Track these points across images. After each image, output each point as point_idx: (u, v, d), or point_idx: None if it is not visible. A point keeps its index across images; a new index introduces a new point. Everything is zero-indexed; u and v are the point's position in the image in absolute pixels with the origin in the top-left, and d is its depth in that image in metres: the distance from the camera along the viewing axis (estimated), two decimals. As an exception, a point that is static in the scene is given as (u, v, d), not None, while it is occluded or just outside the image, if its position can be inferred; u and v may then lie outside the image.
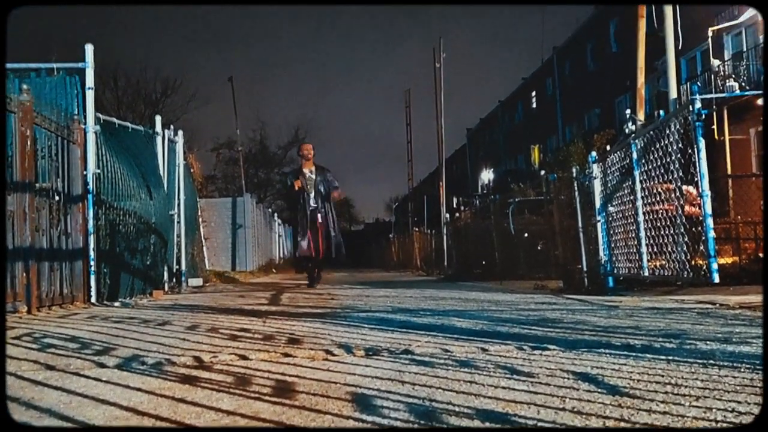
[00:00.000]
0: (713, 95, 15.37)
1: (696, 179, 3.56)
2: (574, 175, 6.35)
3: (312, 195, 8.89)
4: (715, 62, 18.37)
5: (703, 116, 3.48)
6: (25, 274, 4.64)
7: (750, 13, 17.95)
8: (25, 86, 4.83)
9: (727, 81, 18.04)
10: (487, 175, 44.75)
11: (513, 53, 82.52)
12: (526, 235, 11.05)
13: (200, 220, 11.94)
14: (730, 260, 7.73)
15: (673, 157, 3.86)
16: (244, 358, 2.14)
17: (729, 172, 17.16)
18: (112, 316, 4.12)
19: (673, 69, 5.58)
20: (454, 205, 40.97)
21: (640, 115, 5.84)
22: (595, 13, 29.54)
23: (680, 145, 3.78)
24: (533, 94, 39.87)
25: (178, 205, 9.37)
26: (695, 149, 3.50)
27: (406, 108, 28.76)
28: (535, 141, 36.26)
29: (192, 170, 11.56)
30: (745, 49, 19.03)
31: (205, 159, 34.85)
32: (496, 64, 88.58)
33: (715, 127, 17.86)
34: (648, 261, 4.59)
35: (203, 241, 12.06)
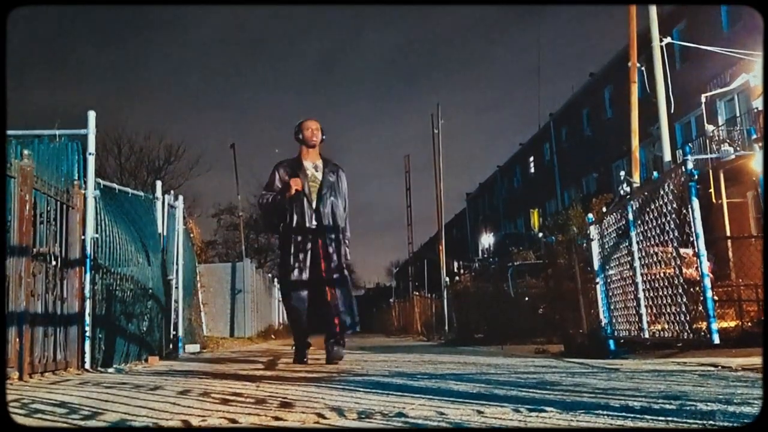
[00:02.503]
0: (705, 156, 15.54)
1: (692, 239, 3.56)
2: (572, 237, 6.36)
3: (314, 207, 5.39)
4: (710, 127, 18.65)
5: (696, 176, 3.51)
6: (18, 340, 4.59)
7: (741, 79, 18.33)
8: (26, 152, 4.89)
9: (722, 145, 18.26)
10: (487, 239, 44.95)
11: (510, 119, 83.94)
12: (527, 298, 10.99)
13: (199, 285, 11.88)
14: (732, 323, 7.66)
15: (668, 218, 3.87)
16: (233, 421, 2.09)
17: (728, 234, 17.19)
18: (105, 381, 4.06)
19: (666, 131, 5.66)
20: (455, 269, 40.89)
21: (636, 178, 5.89)
22: (589, 81, 30.17)
23: (674, 206, 3.80)
24: (531, 159, 40.34)
25: (177, 270, 9.34)
26: (690, 209, 3.52)
27: (406, 173, 29.05)
28: (534, 205, 36.50)
29: (192, 235, 11.58)
30: (738, 114, 19.35)
31: (206, 224, 34.99)
32: (494, 129, 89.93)
33: (712, 190, 17.97)
34: (648, 323, 4.55)
35: (201, 306, 11.97)
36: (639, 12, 6.15)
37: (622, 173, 5.24)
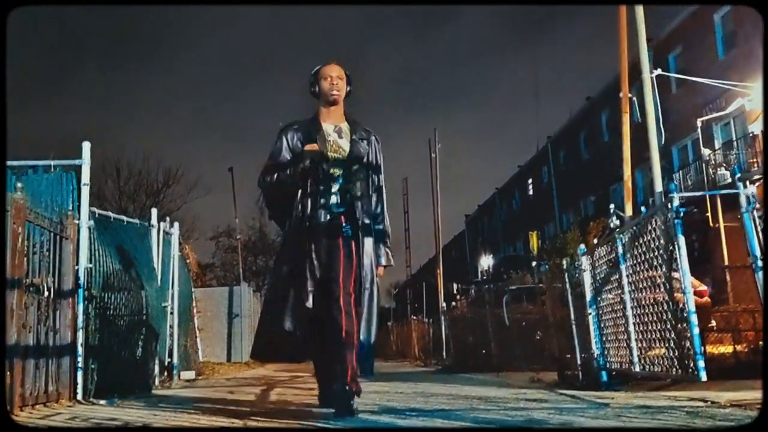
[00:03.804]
0: (692, 194, 15.59)
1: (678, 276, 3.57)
2: (565, 266, 6.38)
3: (338, 187, 3.83)
4: (706, 151, 18.74)
5: (682, 214, 3.54)
6: (9, 373, 4.58)
7: (737, 104, 18.45)
8: (19, 184, 4.94)
9: (719, 169, 18.34)
10: (486, 261, 44.96)
11: (509, 142, 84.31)
12: (524, 323, 10.98)
13: (195, 310, 11.87)
14: (730, 349, 7.65)
15: (656, 253, 3.89)
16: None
17: (726, 258, 17.19)
18: (94, 416, 4.06)
19: (657, 162, 5.70)
20: (454, 291, 40.80)
21: (628, 207, 5.92)
22: (586, 105, 30.35)
23: (662, 242, 3.82)
24: (530, 181, 40.45)
25: (172, 296, 9.34)
26: (676, 246, 3.54)
27: (404, 196, 29.11)
28: (533, 227, 36.51)
29: (188, 260, 11.59)
30: (734, 138, 19.45)
31: (204, 247, 34.98)
32: (493, 151, 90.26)
33: (709, 214, 18.01)
34: (638, 356, 4.55)
35: (197, 332, 11.95)
36: (631, 41, 6.22)
37: (612, 206, 5.28)
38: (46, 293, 5.47)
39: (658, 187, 5.48)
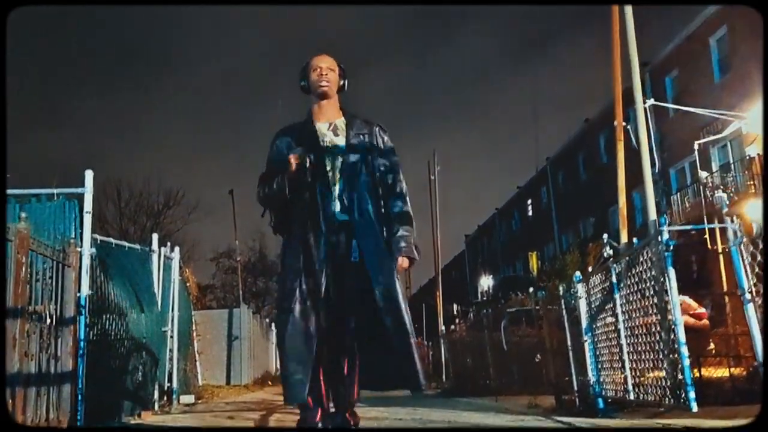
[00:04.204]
0: (681, 227, 15.66)
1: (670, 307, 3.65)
2: (561, 293, 6.45)
3: (338, 189, 3.38)
4: (703, 174, 18.84)
5: (671, 247, 3.62)
6: (11, 401, 4.64)
7: (733, 127, 18.59)
8: (23, 214, 5.02)
9: (716, 192, 18.43)
10: (486, 282, 44.94)
11: (508, 162, 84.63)
12: (523, 346, 11.01)
13: (194, 334, 11.91)
14: (728, 372, 7.67)
15: (648, 284, 3.97)
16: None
17: (724, 280, 17.23)
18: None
19: (651, 191, 5.79)
20: (454, 312, 40.73)
21: (624, 234, 6.00)
22: (584, 127, 30.54)
23: (653, 273, 3.90)
24: (529, 202, 40.57)
25: (172, 320, 9.39)
26: (666, 278, 3.62)
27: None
28: (533, 248, 36.58)
29: (188, 284, 11.66)
30: (731, 161, 19.58)
31: (204, 268, 35.02)
32: (492, 172, 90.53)
33: (707, 236, 18.09)
34: (633, 384, 4.61)
35: (197, 355, 11.98)
36: (626, 69, 6.35)
37: (605, 236, 5.36)
38: (48, 321, 5.55)
39: (652, 215, 5.57)
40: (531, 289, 8.39)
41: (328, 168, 3.37)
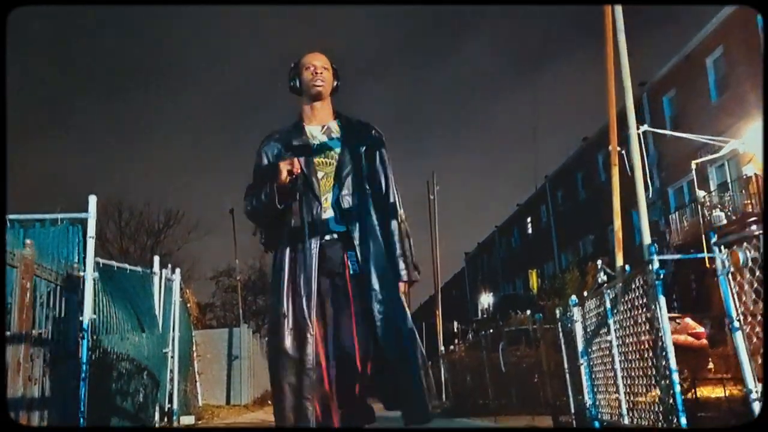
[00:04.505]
0: (671, 257, 15.74)
1: (661, 335, 3.73)
2: (558, 316, 6.53)
3: (329, 202, 3.06)
4: (700, 193, 18.96)
5: (662, 276, 3.71)
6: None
7: (730, 146, 18.74)
8: (28, 241, 5.12)
9: (714, 211, 18.55)
10: (486, 299, 44.93)
11: (508, 179, 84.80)
12: (523, 365, 11.06)
13: (195, 354, 11.97)
14: (727, 392, 7.74)
15: (640, 311, 4.06)
16: None
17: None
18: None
19: (645, 217, 5.88)
20: (454, 329, 40.64)
21: (619, 257, 6.09)
22: (583, 146, 30.71)
23: (644, 301, 3.99)
24: (528, 220, 40.67)
25: (173, 341, 9.46)
26: (657, 306, 3.71)
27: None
28: (533, 266, 36.64)
29: (188, 305, 11.73)
30: (729, 180, 19.70)
31: (204, 287, 35.06)
32: (492, 189, 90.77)
33: (706, 256, 18.15)
34: (627, 408, 4.68)
35: (197, 376, 12.03)
36: (619, 93, 6.47)
37: (599, 262, 5.45)
38: (52, 345, 5.62)
39: (647, 239, 5.65)
40: (528, 312, 8.45)
41: (321, 174, 3.05)
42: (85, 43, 61.00)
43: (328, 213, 3.00)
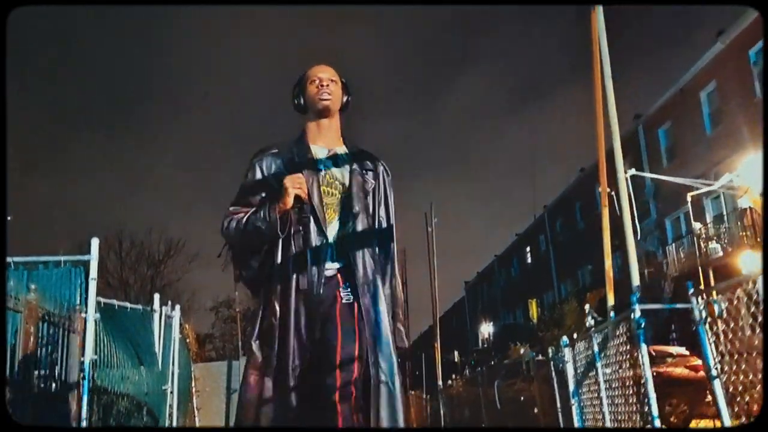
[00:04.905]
0: (654, 306, 15.82)
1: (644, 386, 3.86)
2: (551, 355, 6.65)
3: (334, 231, 2.70)
4: (696, 225, 19.12)
5: (643, 324, 3.85)
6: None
7: (725, 179, 18.94)
8: (32, 286, 5.27)
9: (710, 243, 18.70)
10: (486, 329, 44.86)
11: (507, 208, 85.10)
12: (521, 398, 11.12)
13: (194, 389, 12.03)
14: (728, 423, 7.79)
15: (624, 358, 4.20)
16: None
17: (721, 331, 17.31)
18: None
19: (634, 258, 6.04)
20: (455, 359, 40.41)
21: (610, 297, 6.23)
22: (580, 176, 30.95)
23: (628, 347, 4.13)
24: (528, 249, 40.78)
25: (172, 378, 9.54)
26: (639, 354, 3.85)
27: (403, 267, 29.42)
28: (533, 295, 36.69)
29: (187, 340, 11.83)
30: (725, 212, 19.87)
31: (204, 317, 35.07)
32: (491, 218, 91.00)
33: (702, 286, 18.24)
34: (616, 450, 4.79)
35: (196, 411, 12.08)
36: (608, 137, 6.67)
37: (587, 306, 5.59)
38: (54, 385, 5.74)
39: (636, 281, 5.80)
40: (522, 351, 8.56)
41: (323, 204, 2.66)
42: (85, 68, 61.61)
43: (328, 249, 2.64)
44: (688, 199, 19.44)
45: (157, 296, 9.28)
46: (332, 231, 2.67)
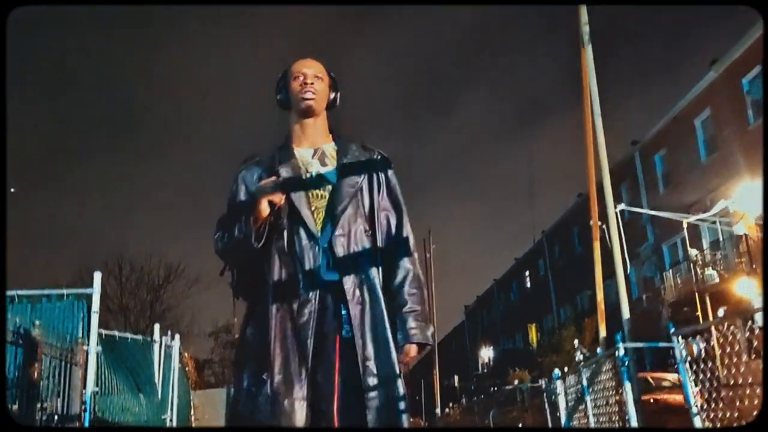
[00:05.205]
0: (637, 344, 15.95)
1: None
2: (543, 387, 6.77)
3: (325, 238, 2.39)
4: (693, 252, 19.26)
5: (627, 362, 3.99)
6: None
7: (721, 205, 19.13)
8: (36, 321, 5.42)
9: (706, 269, 18.82)
10: (486, 353, 44.79)
11: (506, 232, 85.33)
12: (520, 425, 11.20)
13: (193, 418, 12.10)
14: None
15: (610, 392, 4.33)
16: None
17: (718, 360, 17.35)
18: None
19: (624, 290, 6.18)
20: (455, 384, 40.25)
21: (602, 328, 6.36)
22: (578, 201, 31.14)
23: (613, 383, 4.26)
24: (527, 273, 40.86)
25: (171, 407, 9.63)
26: (624, 390, 3.98)
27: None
28: (532, 320, 36.73)
29: (187, 368, 11.92)
30: (721, 238, 20.01)
31: (203, 342, 35.02)
32: (490, 242, 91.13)
33: (699, 313, 18.35)
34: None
35: (195, 439, 12.14)
36: (597, 166, 6.86)
37: (576, 341, 5.73)
38: (56, 417, 5.86)
39: (626, 314, 5.93)
40: (516, 382, 8.67)
41: (312, 209, 2.43)
42: (84, 92, 62.07)
43: (320, 257, 2.37)
44: (684, 225, 19.63)
45: (157, 326, 9.40)
46: (325, 237, 2.39)
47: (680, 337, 3.72)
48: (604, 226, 7.08)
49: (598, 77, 7.14)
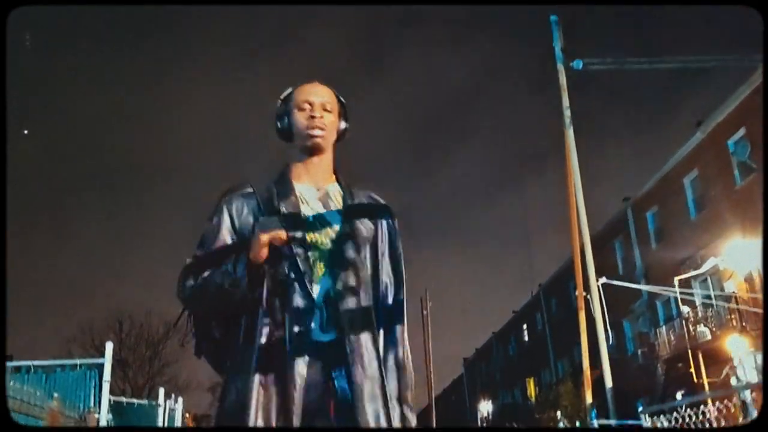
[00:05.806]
0: (610, 421, 16.24)
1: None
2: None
3: (321, 292, 2.01)
4: (684, 309, 19.59)
5: (601, 438, 4.36)
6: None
7: (711, 263, 19.54)
8: (56, 394, 5.80)
9: (698, 326, 19.12)
10: (485, 407, 44.53)
11: (504, 283, 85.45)
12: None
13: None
14: None
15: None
16: None
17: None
18: None
19: (606, 362, 6.56)
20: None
21: (588, 395, 6.71)
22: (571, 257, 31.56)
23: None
24: (525, 326, 41.00)
25: (173, 469, 9.89)
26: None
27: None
28: (530, 373, 36.76)
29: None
30: (712, 295, 20.36)
31: (202, 397, 34.94)
32: (488, 293, 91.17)
33: (692, 370, 18.57)
34: None
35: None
36: (581, 239, 7.30)
37: (558, 413, 6.07)
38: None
39: (608, 383, 6.30)
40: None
41: (311, 256, 2.08)
42: (83, 142, 62.77)
43: (315, 314, 2.03)
44: (675, 282, 20.00)
45: (162, 390, 9.75)
46: (321, 291, 2.05)
47: (647, 416, 4.10)
48: (589, 296, 7.49)
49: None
